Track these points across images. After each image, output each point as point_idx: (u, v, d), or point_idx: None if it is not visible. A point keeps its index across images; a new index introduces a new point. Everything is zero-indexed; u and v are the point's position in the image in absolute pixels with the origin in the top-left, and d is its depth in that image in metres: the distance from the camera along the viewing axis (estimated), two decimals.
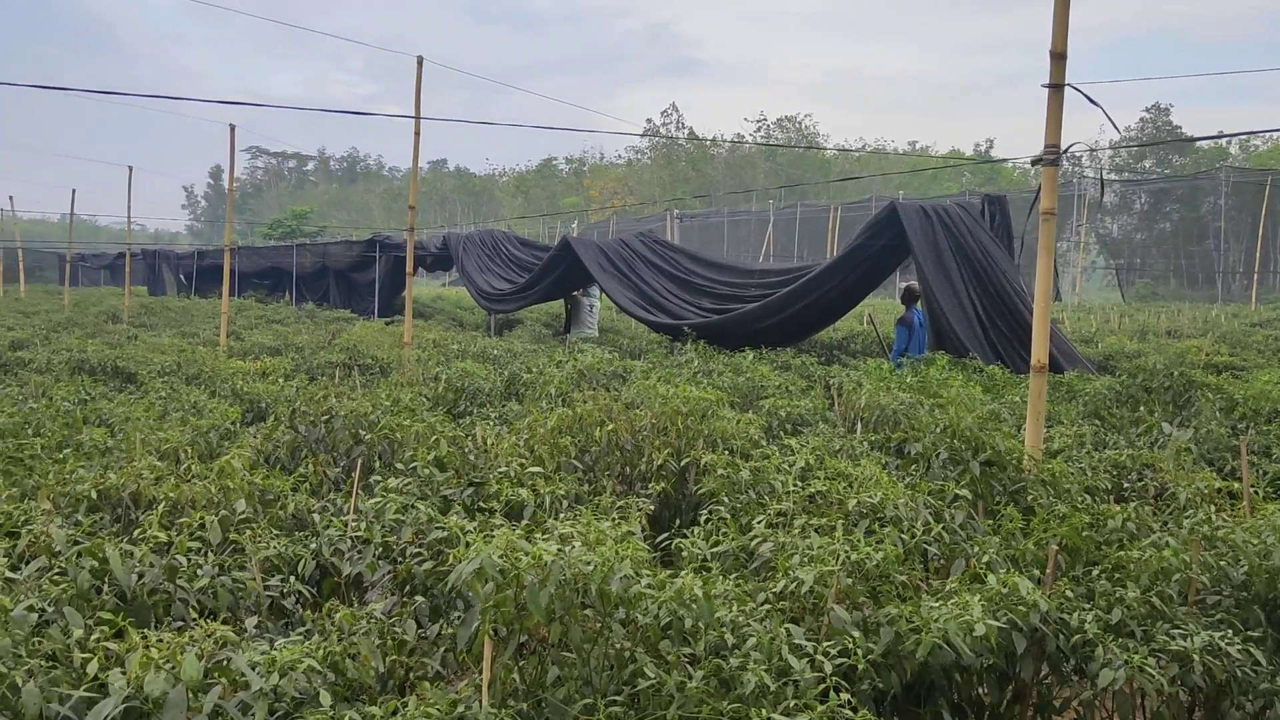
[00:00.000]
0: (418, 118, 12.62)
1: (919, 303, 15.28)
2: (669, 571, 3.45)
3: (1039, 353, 6.22)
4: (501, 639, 3.16)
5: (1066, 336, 15.63)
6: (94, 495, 4.84)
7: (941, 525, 4.69)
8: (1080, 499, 5.58)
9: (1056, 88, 6.01)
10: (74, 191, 31.64)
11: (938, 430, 5.76)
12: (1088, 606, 4.29)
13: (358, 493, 5.42)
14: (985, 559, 4.52)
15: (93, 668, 2.69)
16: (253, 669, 2.76)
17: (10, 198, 41.06)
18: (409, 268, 13.19)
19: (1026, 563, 4.73)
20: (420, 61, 12.82)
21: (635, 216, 63.28)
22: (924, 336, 15.41)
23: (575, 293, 22.26)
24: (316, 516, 4.65)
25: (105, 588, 3.55)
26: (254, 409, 9.73)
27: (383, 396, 8.29)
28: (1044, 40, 6.22)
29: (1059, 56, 6.07)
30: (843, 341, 20.09)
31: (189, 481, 5.14)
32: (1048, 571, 4.43)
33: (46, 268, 60.63)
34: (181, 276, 47.59)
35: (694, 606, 3.18)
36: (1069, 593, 4.36)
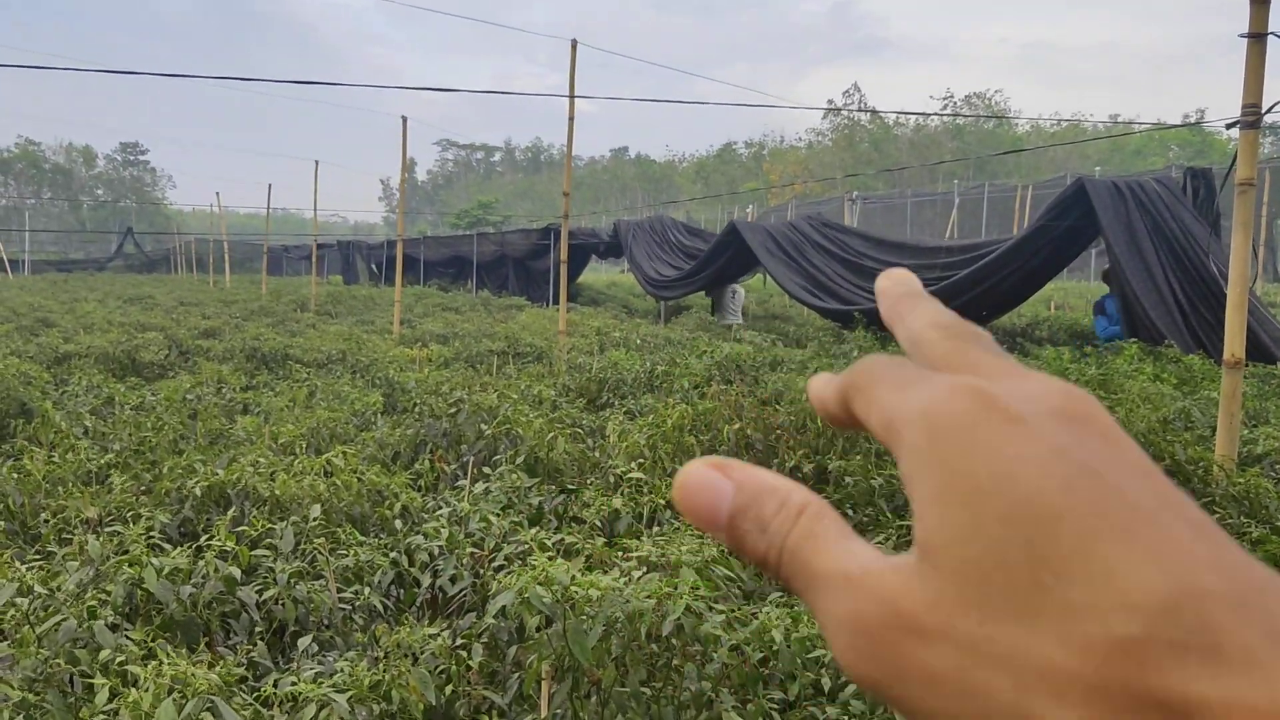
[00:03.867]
0: (571, 97, 12.44)
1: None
2: (751, 607, 3.00)
3: (1233, 345, 5.38)
4: (558, 677, 2.79)
5: None
6: (198, 493, 4.75)
7: None
8: None
9: (1257, 37, 5.16)
10: (270, 186, 33.29)
11: None
12: None
13: (470, 493, 5.18)
14: None
15: (101, 699, 2.48)
16: (267, 705, 2.48)
17: (217, 194, 43.73)
18: (563, 254, 13.05)
19: None
20: (574, 45, 12.63)
21: (815, 199, 62.02)
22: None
23: None
24: (400, 523, 4.40)
25: (171, 601, 3.38)
26: (404, 397, 9.73)
27: (519, 387, 8.10)
28: None
29: (1261, 1, 5.21)
30: (1026, 328, 18.86)
31: (295, 477, 5.01)
32: None
33: (255, 259, 64.44)
34: (373, 266, 49.67)
35: (776, 649, 2.72)
36: None
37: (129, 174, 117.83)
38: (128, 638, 2.86)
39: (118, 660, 2.72)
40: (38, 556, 3.91)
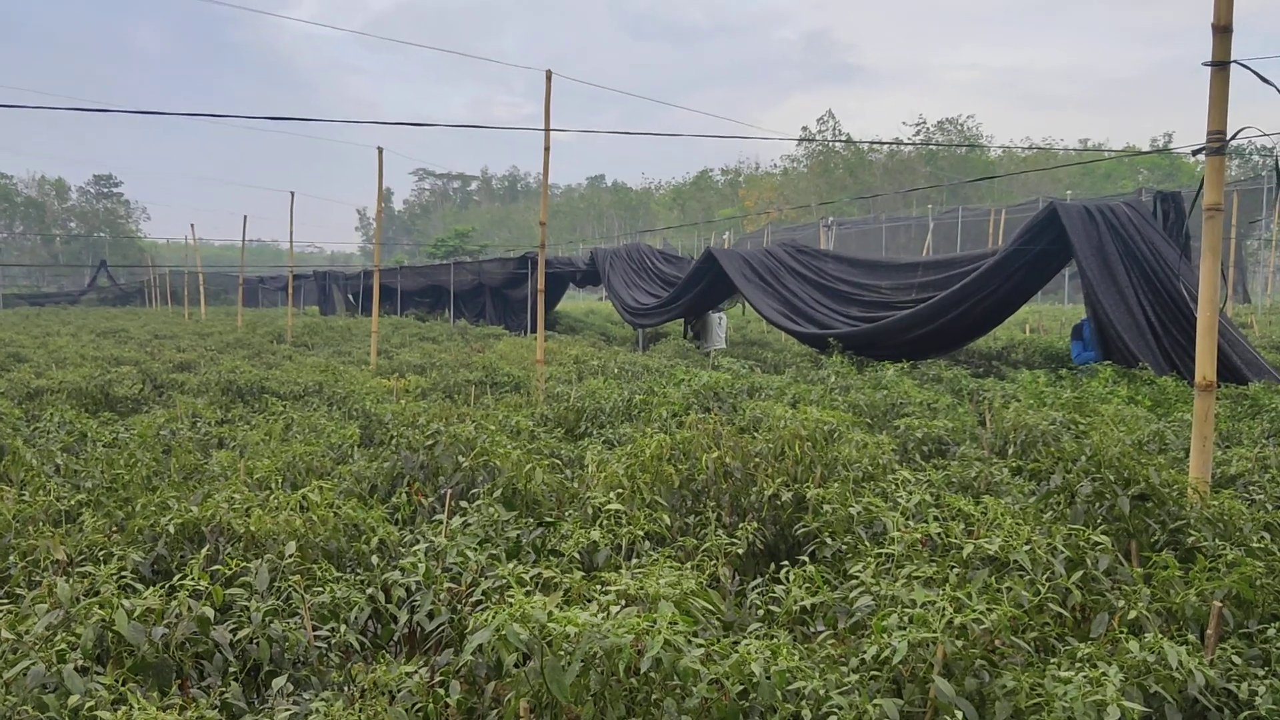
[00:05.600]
0: (547, 130, 12.48)
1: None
2: (731, 639, 2.99)
3: (1204, 368, 5.43)
4: (537, 714, 2.76)
5: (1251, 343, 14.23)
6: (172, 530, 4.69)
7: (1081, 573, 4.05)
8: (1257, 539, 4.80)
9: (1220, 65, 5.24)
10: (245, 218, 33.18)
11: (1084, 459, 5.07)
12: (1261, 674, 3.60)
13: (448, 527, 5.14)
14: (1132, 615, 3.86)
15: None
16: None
17: (191, 226, 43.60)
18: (540, 284, 13.03)
19: (1186, 618, 4.03)
20: (549, 76, 12.69)
21: (790, 225, 62.48)
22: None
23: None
24: (376, 558, 4.36)
25: (143, 643, 3.33)
26: (381, 429, 9.67)
27: (497, 418, 8.07)
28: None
29: (1223, 30, 5.30)
30: (1002, 351, 18.99)
31: (271, 513, 4.96)
32: (1209, 631, 3.74)
33: (230, 290, 64.20)
34: (350, 296, 49.56)
35: (756, 682, 2.70)
36: (1236, 657, 3.67)
37: (102, 206, 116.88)
38: (98, 682, 2.81)
39: (87, 706, 2.67)
40: (5, 600, 3.85)
